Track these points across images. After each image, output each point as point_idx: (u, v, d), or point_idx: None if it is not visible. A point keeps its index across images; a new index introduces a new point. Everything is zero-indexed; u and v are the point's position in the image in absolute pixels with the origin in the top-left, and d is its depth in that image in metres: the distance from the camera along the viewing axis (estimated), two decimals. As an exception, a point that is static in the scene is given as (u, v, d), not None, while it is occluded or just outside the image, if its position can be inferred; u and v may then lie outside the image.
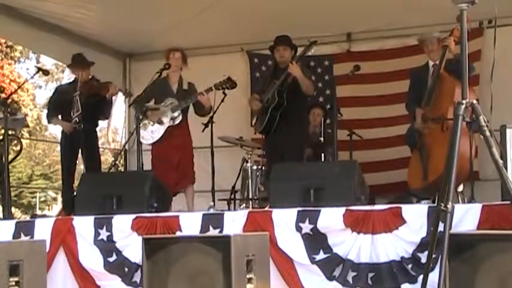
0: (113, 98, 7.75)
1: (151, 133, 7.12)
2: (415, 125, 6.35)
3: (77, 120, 7.29)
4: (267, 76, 7.65)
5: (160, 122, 7.05)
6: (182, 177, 7.08)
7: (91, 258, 5.51)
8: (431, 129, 6.13)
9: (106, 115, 7.83)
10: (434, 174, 5.72)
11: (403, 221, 4.79)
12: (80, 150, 7.50)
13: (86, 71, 7.60)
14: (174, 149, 7.07)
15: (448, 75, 6.11)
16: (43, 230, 5.61)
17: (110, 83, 7.53)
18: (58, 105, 7.61)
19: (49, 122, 7.99)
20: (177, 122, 7.08)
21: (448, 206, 3.51)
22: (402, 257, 4.75)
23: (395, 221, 4.81)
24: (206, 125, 7.14)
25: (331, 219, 4.95)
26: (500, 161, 3.58)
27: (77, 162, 7.69)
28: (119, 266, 5.42)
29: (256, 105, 7.14)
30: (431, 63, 6.54)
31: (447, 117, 5.77)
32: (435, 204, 4.57)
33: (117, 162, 8.35)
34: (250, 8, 7.83)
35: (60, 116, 7.56)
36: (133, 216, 5.48)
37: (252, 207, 6.87)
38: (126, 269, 5.38)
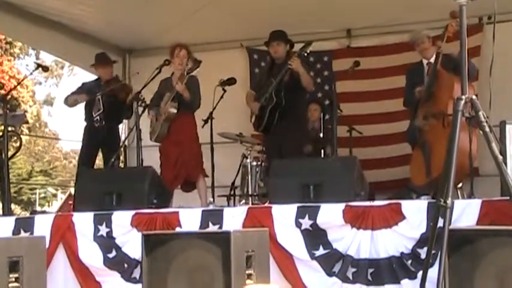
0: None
1: (153, 131, 7.10)
2: (416, 121, 6.35)
3: (98, 119, 7.43)
4: (263, 72, 7.63)
5: (158, 119, 7.04)
6: (180, 171, 6.88)
7: (91, 255, 5.51)
8: (432, 126, 6.14)
9: (128, 116, 7.85)
10: (439, 170, 5.69)
11: (402, 217, 4.80)
12: (100, 148, 7.61)
13: (108, 70, 7.72)
14: (171, 144, 6.94)
15: (444, 72, 6.11)
16: (43, 226, 5.61)
17: (130, 89, 7.54)
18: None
19: (66, 101, 7.79)
20: (169, 115, 6.88)
21: (448, 201, 3.50)
22: (402, 253, 4.75)
23: (395, 216, 4.82)
24: (206, 121, 7.13)
25: (330, 215, 4.95)
26: (500, 157, 3.58)
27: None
28: (118, 262, 5.43)
29: (255, 107, 7.11)
30: (425, 61, 6.54)
31: (448, 113, 5.77)
32: (435, 200, 4.57)
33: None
34: (250, 4, 7.82)
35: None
36: (133, 212, 5.49)
37: (252, 203, 6.86)
38: (126, 265, 5.39)
